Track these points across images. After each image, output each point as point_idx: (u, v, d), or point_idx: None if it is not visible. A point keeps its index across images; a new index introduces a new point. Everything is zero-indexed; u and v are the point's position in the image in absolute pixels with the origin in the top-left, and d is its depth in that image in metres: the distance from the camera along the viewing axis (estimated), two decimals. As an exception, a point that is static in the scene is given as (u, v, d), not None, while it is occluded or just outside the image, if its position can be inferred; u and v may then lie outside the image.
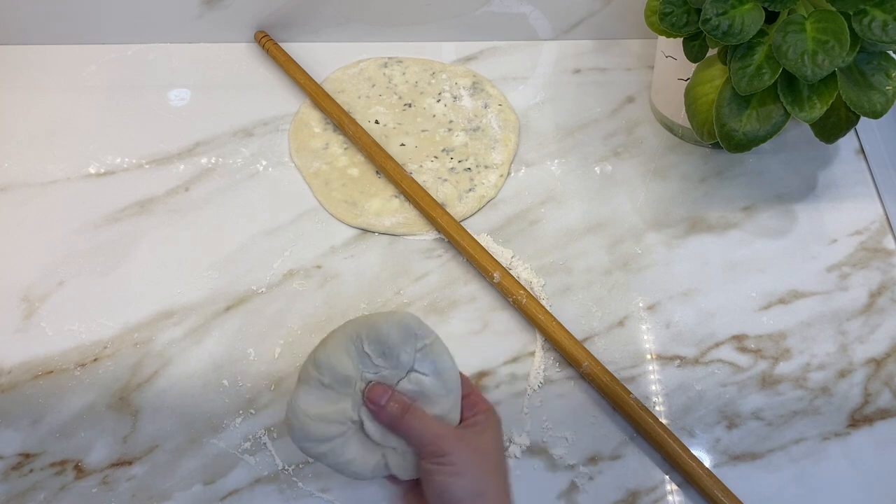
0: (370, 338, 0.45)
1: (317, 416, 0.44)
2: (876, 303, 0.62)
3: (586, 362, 0.57)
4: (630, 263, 0.65)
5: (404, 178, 0.68)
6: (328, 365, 0.44)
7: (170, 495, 0.54)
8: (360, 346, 0.45)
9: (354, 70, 0.78)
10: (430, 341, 0.45)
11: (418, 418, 0.44)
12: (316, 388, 0.44)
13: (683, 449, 0.54)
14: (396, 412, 0.44)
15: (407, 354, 0.45)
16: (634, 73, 0.77)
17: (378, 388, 0.45)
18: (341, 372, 0.44)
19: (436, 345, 0.45)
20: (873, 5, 0.52)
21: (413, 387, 0.45)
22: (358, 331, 0.45)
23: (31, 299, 0.63)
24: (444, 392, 0.45)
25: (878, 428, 0.56)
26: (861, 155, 0.71)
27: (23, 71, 0.78)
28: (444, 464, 0.43)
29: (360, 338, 0.45)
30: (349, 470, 0.45)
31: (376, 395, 0.44)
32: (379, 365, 0.45)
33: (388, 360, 0.45)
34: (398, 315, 0.45)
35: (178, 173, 0.71)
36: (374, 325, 0.45)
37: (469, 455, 0.43)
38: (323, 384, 0.44)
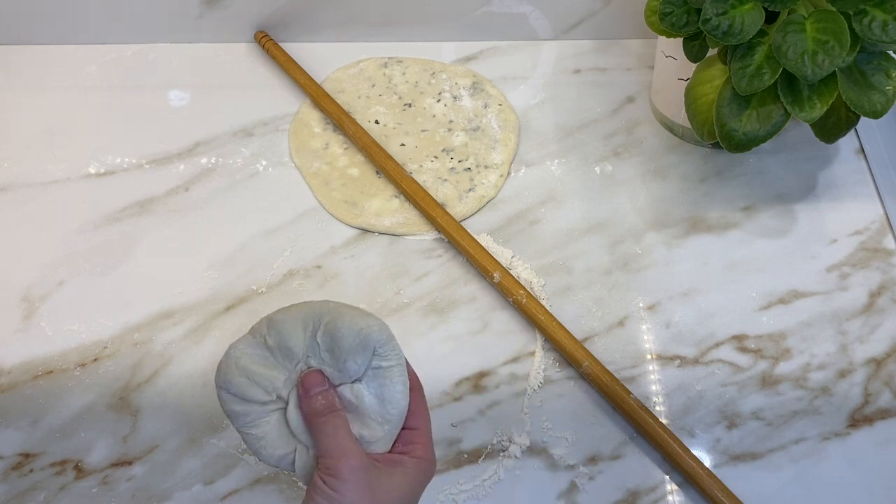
0: (327, 329, 0.42)
1: (246, 371, 0.42)
2: (876, 303, 0.62)
3: (586, 362, 0.57)
4: (630, 263, 0.65)
5: (404, 178, 0.68)
6: (280, 329, 0.42)
7: (170, 495, 0.54)
8: (315, 331, 0.42)
9: (354, 70, 0.78)
10: (388, 365, 0.42)
11: (336, 426, 0.41)
12: (258, 344, 0.43)
13: (683, 449, 0.54)
14: (319, 407, 0.41)
15: (356, 365, 0.42)
16: (634, 73, 0.77)
17: (316, 377, 0.42)
18: (287, 342, 0.42)
19: (393, 371, 0.42)
20: (873, 5, 0.52)
21: (351, 398, 0.42)
22: (323, 315, 0.42)
23: (31, 299, 0.63)
24: (380, 420, 0.42)
25: (878, 428, 0.56)
26: (861, 155, 0.71)
27: (23, 71, 0.78)
28: (329, 486, 0.39)
29: (319, 322, 0.42)
30: (256, 446, 0.42)
31: (310, 382, 0.42)
32: (324, 359, 0.42)
33: (333, 360, 0.42)
34: (365, 322, 0.42)
35: (178, 173, 0.71)
36: (338, 318, 0.42)
37: (361, 491, 0.39)
38: (266, 344, 0.43)
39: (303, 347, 0.42)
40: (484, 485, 0.54)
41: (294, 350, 0.42)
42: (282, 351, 0.42)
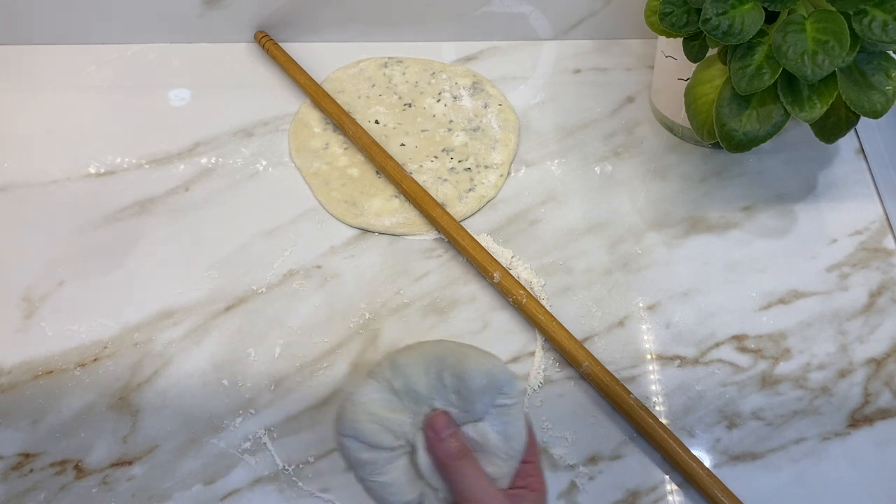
0: (454, 371, 0.42)
1: (375, 416, 0.42)
2: (876, 303, 0.62)
3: (586, 362, 0.57)
4: (630, 263, 0.65)
5: (404, 178, 0.68)
6: (404, 372, 0.43)
7: (170, 495, 0.54)
8: (440, 373, 0.43)
9: (354, 70, 0.78)
10: (510, 402, 0.43)
11: (472, 468, 0.41)
12: (384, 388, 0.43)
13: (683, 449, 0.54)
14: (453, 450, 0.41)
15: (483, 404, 0.42)
16: (634, 73, 0.77)
17: (444, 418, 0.42)
18: (413, 385, 0.42)
19: (515, 408, 0.43)
20: (873, 5, 0.52)
21: (476, 437, 0.42)
22: (446, 356, 0.43)
23: (31, 299, 0.63)
24: (506, 457, 0.43)
25: (878, 428, 0.56)
26: (861, 155, 0.71)
27: (23, 71, 0.78)
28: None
29: (444, 364, 0.43)
30: (382, 493, 0.42)
31: (439, 425, 0.42)
32: (451, 400, 0.42)
33: (461, 401, 0.42)
34: (491, 362, 0.43)
35: (178, 173, 0.71)
36: (463, 359, 0.42)
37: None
38: (392, 388, 0.43)
39: (428, 389, 0.42)
40: (484, 485, 0.54)
41: (420, 392, 0.42)
42: (408, 394, 0.42)
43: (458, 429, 0.42)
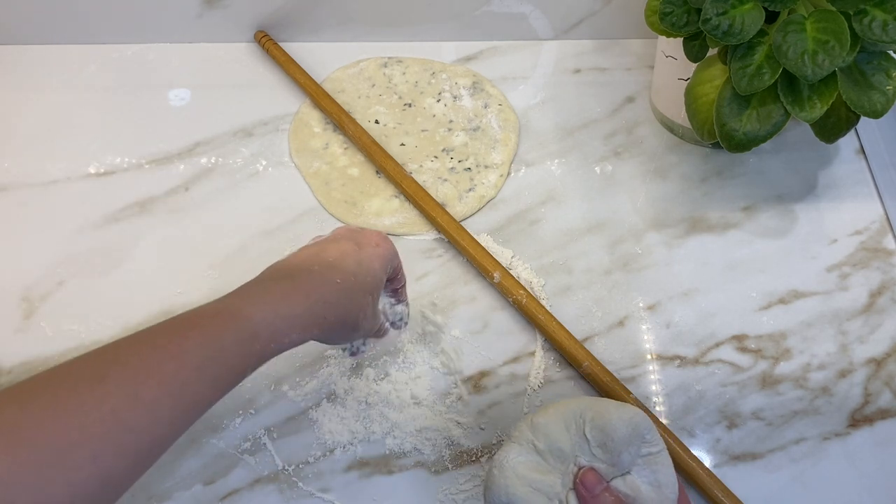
0: (595, 424, 0.42)
1: (526, 479, 0.42)
2: (876, 303, 0.62)
3: (586, 362, 0.57)
4: (630, 263, 0.65)
5: (404, 178, 0.68)
6: (546, 431, 0.43)
7: (170, 495, 0.54)
8: (582, 428, 0.43)
9: (354, 70, 0.78)
10: (657, 450, 0.43)
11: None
12: (528, 450, 0.43)
13: (683, 449, 0.54)
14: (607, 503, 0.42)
15: (629, 455, 0.42)
16: (634, 72, 0.77)
17: (594, 475, 0.42)
18: (557, 443, 0.43)
19: (662, 455, 0.43)
20: (873, 5, 0.52)
21: (627, 490, 0.42)
22: (584, 411, 0.43)
23: (31, 299, 0.63)
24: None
25: (878, 428, 0.56)
26: (861, 155, 0.71)
27: (23, 71, 0.78)
28: None
29: (583, 419, 0.43)
30: None
31: (591, 482, 0.42)
32: (595, 455, 0.42)
33: (606, 454, 0.42)
34: (631, 412, 0.43)
35: (178, 173, 0.71)
36: (603, 412, 0.42)
37: None
38: (536, 449, 0.43)
39: (571, 446, 0.42)
40: (484, 485, 0.54)
41: (564, 450, 0.42)
42: (553, 454, 0.42)
43: (608, 484, 0.43)
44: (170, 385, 0.36)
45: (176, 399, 0.36)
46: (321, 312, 0.43)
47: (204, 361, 0.37)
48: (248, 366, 0.40)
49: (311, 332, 0.43)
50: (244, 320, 0.40)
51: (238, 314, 0.40)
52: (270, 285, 0.43)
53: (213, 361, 0.38)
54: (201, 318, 0.39)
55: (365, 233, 0.51)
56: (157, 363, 0.36)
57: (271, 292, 0.42)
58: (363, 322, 0.47)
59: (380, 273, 0.49)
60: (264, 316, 0.41)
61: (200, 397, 0.38)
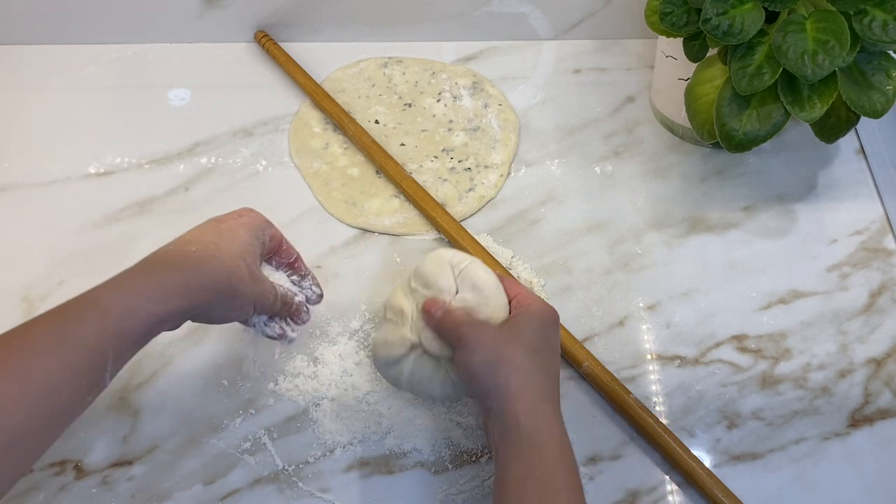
0: (415, 275, 0.53)
1: (381, 342, 0.53)
2: (876, 303, 0.62)
3: (586, 362, 0.57)
4: (630, 263, 0.65)
5: (404, 178, 0.68)
6: (389, 305, 0.54)
7: (170, 495, 0.54)
8: (409, 283, 0.53)
9: (354, 70, 0.78)
10: (465, 265, 0.52)
11: (451, 316, 0.49)
12: (383, 324, 0.54)
13: (683, 449, 0.54)
14: (438, 315, 0.49)
15: (446, 280, 0.51)
16: (635, 72, 0.77)
17: (430, 302, 0.50)
18: (398, 306, 0.53)
19: (471, 265, 0.52)
20: (873, 5, 0.52)
21: (460, 304, 0.50)
22: (410, 274, 0.54)
23: (31, 299, 0.63)
24: (483, 300, 0.50)
25: (878, 428, 0.56)
26: (861, 155, 0.71)
27: (23, 71, 0.78)
28: (462, 345, 0.47)
29: (410, 278, 0.53)
30: (424, 390, 0.52)
31: (429, 306, 0.50)
32: (426, 295, 0.51)
33: (431, 289, 0.51)
34: (435, 252, 0.53)
35: (178, 173, 0.71)
36: (417, 265, 0.53)
37: (482, 333, 0.47)
38: (387, 319, 0.54)
39: (409, 303, 0.52)
40: (484, 485, 0.54)
41: (404, 308, 0.52)
42: (397, 315, 0.53)
43: (443, 302, 0.50)
44: (14, 372, 0.37)
45: (22, 385, 0.37)
46: (180, 280, 0.45)
47: (50, 346, 0.39)
48: (106, 344, 0.41)
49: (175, 302, 0.44)
50: (92, 301, 0.42)
51: (87, 297, 0.42)
52: (127, 272, 0.45)
53: (62, 343, 0.39)
54: (51, 311, 0.41)
55: (229, 213, 0.52)
56: (1, 354, 0.37)
57: (126, 276, 0.44)
58: (240, 286, 0.48)
59: (247, 238, 0.50)
60: (114, 294, 0.42)
61: (54, 380, 0.38)
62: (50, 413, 0.38)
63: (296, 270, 0.56)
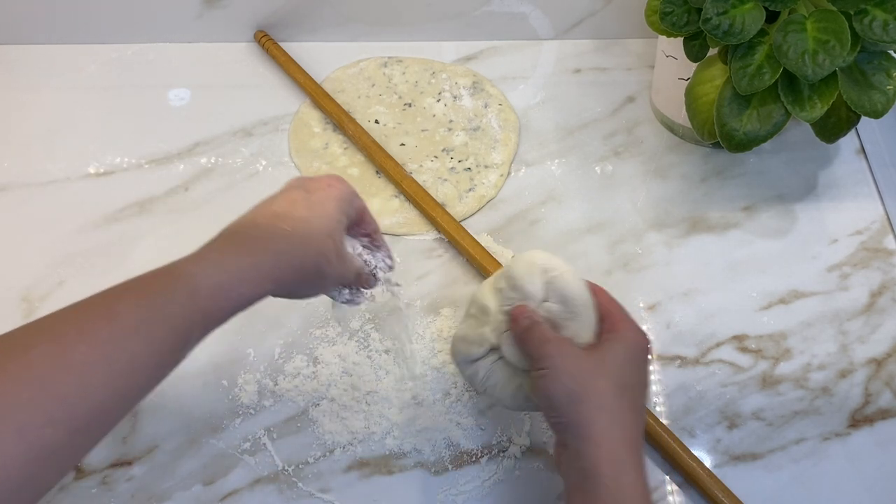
0: (503, 275, 0.50)
1: (461, 338, 0.51)
2: (876, 303, 0.62)
3: (586, 362, 0.57)
4: (630, 263, 0.65)
5: (404, 177, 0.67)
6: (474, 300, 0.52)
7: (170, 495, 0.54)
8: (498, 285, 0.50)
9: (354, 70, 0.78)
10: (557, 273, 0.48)
11: (536, 331, 0.46)
12: (466, 319, 0.52)
13: (684, 449, 0.54)
14: (524, 324, 0.46)
15: (533, 285, 0.48)
16: (635, 72, 0.77)
17: (519, 308, 0.47)
18: (483, 303, 0.50)
19: (563, 275, 0.48)
20: (874, 5, 0.52)
21: (545, 314, 0.48)
22: (500, 274, 0.51)
23: (31, 299, 0.63)
24: (570, 315, 0.47)
25: (878, 428, 0.56)
26: (862, 155, 0.71)
27: (23, 71, 0.78)
28: (542, 367, 0.44)
29: (499, 278, 0.51)
30: (496, 395, 0.50)
31: (517, 313, 0.47)
32: (511, 297, 0.49)
33: (517, 292, 0.49)
34: (528, 253, 0.50)
35: (177, 173, 0.71)
36: (507, 264, 0.51)
37: (567, 358, 0.44)
38: (470, 314, 0.52)
39: (495, 302, 0.50)
40: (484, 485, 0.54)
41: (489, 306, 0.50)
42: (482, 312, 0.50)
43: (532, 311, 0.47)
44: (101, 348, 0.35)
45: (109, 362, 0.35)
46: (272, 262, 0.42)
47: (138, 321, 0.36)
48: (192, 324, 0.39)
49: (265, 286, 0.42)
50: (182, 277, 0.39)
51: (176, 272, 0.39)
52: (215, 244, 0.42)
53: (149, 321, 0.37)
54: (138, 281, 0.38)
55: (315, 178, 0.49)
56: (87, 327, 0.35)
57: (215, 250, 0.42)
58: (327, 267, 0.45)
59: (336, 214, 0.47)
60: (205, 271, 0.39)
61: (138, 359, 0.36)
62: (128, 392, 0.37)
63: (372, 241, 0.53)
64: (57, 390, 0.32)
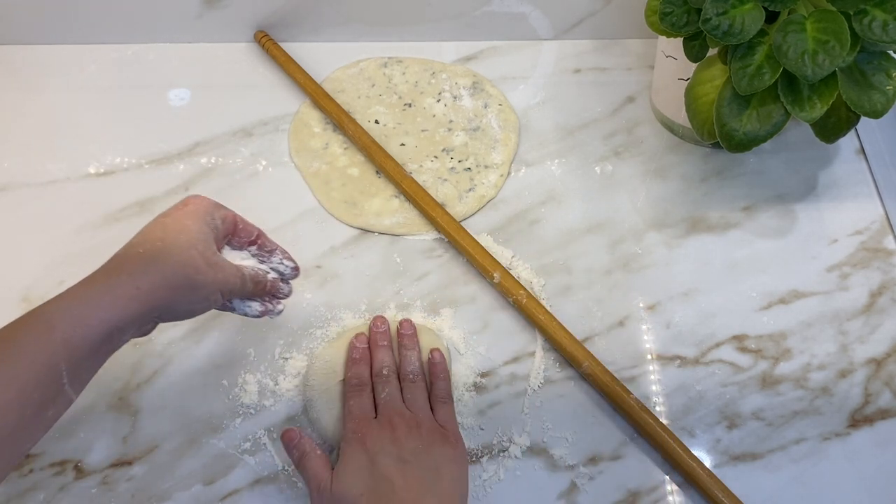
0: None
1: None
2: (876, 303, 0.62)
3: (586, 362, 0.57)
4: (630, 263, 0.65)
5: (404, 178, 0.68)
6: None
7: (170, 495, 0.54)
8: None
9: (354, 70, 0.78)
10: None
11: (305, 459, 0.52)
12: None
13: (683, 449, 0.54)
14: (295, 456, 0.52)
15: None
16: (635, 72, 0.77)
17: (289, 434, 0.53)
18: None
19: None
20: (874, 5, 0.52)
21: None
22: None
23: (31, 299, 0.63)
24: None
25: (878, 428, 0.56)
26: (861, 155, 0.71)
27: (23, 71, 0.78)
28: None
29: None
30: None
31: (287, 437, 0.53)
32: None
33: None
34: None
35: (177, 173, 0.71)
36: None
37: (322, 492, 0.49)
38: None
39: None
40: (484, 485, 0.54)
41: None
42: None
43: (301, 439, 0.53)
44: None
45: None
46: (128, 284, 0.43)
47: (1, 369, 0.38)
48: (56, 358, 0.40)
49: (129, 306, 0.43)
50: (37, 314, 0.41)
51: (33, 312, 0.42)
52: (75, 284, 0.44)
53: (5, 362, 0.39)
54: (4, 330, 0.41)
55: (175, 205, 0.50)
56: None
57: (73, 287, 0.43)
58: (197, 277, 0.45)
59: (195, 226, 0.47)
60: (58, 305, 0.42)
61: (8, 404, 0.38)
62: (11, 433, 0.38)
63: (260, 248, 0.53)
64: None
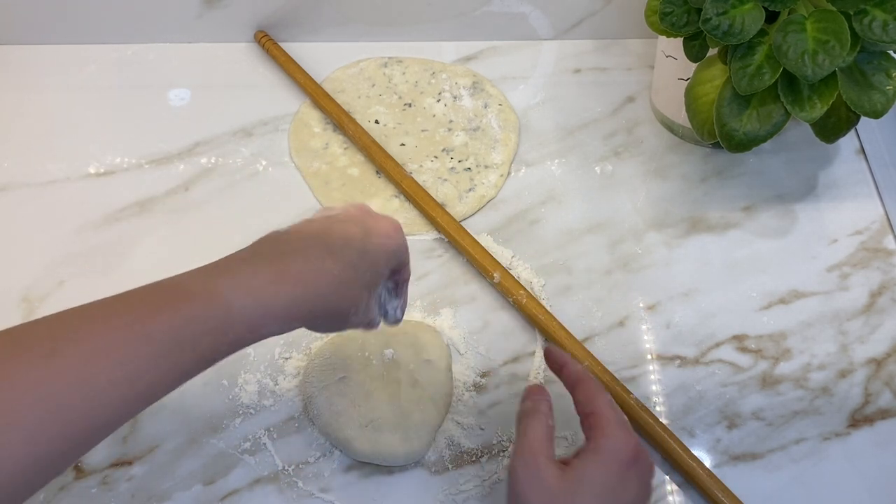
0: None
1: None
2: (876, 303, 0.62)
3: (586, 362, 0.57)
4: (630, 263, 0.65)
5: (404, 177, 0.67)
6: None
7: (170, 495, 0.54)
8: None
9: (354, 70, 0.78)
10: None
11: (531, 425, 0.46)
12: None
13: (683, 449, 0.54)
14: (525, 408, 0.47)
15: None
16: (635, 72, 0.77)
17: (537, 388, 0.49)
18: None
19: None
20: (874, 5, 0.52)
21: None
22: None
23: (31, 299, 0.63)
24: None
25: (878, 428, 0.56)
26: (861, 155, 0.71)
27: (23, 71, 0.78)
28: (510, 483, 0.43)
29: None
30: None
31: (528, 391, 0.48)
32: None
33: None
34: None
35: (177, 173, 0.71)
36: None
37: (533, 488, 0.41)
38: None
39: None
40: (484, 485, 0.54)
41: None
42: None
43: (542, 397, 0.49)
44: (126, 370, 0.33)
45: (130, 386, 0.33)
46: (308, 305, 0.40)
47: (169, 347, 0.35)
48: (217, 354, 0.37)
49: (294, 324, 0.40)
50: (221, 308, 0.37)
51: (216, 299, 0.37)
52: (259, 266, 0.39)
53: (180, 348, 0.35)
54: (175, 298, 0.36)
55: (378, 219, 0.46)
56: (116, 344, 0.33)
57: (258, 275, 0.39)
58: (353, 317, 0.44)
59: (382, 269, 0.45)
60: (244, 304, 0.37)
61: (158, 385, 0.35)
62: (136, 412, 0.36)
63: (397, 289, 0.50)
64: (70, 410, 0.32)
